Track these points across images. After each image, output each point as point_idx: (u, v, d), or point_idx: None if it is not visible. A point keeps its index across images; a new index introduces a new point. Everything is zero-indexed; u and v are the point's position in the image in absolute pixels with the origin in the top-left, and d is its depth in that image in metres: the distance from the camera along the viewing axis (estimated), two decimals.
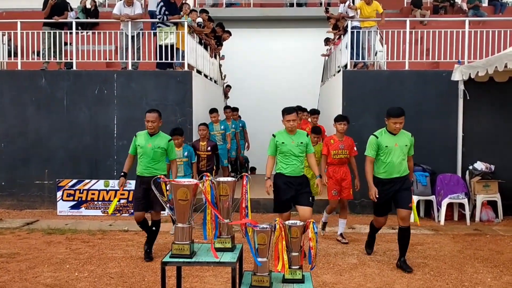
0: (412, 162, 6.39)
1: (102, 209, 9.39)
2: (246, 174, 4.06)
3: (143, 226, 6.63)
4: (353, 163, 7.62)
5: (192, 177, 8.05)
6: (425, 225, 8.65)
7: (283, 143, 6.33)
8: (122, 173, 6.56)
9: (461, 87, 9.25)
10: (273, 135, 6.49)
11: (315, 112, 10.67)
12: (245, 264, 4.74)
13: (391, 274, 5.92)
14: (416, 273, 5.94)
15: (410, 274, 5.91)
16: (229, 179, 4.13)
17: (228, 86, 12.19)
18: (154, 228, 6.61)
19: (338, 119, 7.62)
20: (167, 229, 7.83)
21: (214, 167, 8.96)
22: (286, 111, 6.32)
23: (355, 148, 7.69)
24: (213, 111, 10.47)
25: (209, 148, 8.73)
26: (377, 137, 6.17)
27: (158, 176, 4.17)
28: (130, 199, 9.31)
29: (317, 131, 8.70)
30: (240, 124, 12.25)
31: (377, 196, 6.06)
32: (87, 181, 9.55)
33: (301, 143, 6.28)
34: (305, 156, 6.44)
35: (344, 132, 7.56)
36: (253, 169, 15.05)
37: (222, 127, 10.68)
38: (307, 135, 6.47)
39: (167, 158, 6.65)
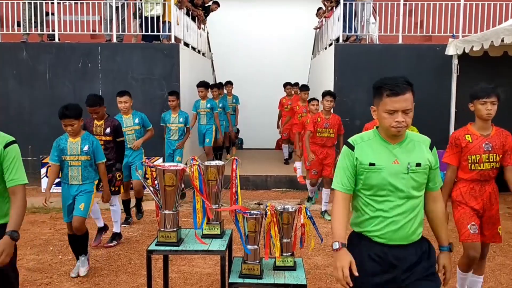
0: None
1: None
2: (236, 158, 3.86)
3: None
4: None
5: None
6: None
7: (373, 165, 2.74)
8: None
9: (455, 61, 9.05)
10: (349, 144, 2.83)
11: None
12: (235, 245, 4.60)
13: None
14: None
15: None
16: (218, 162, 3.93)
17: (229, 83, 11.56)
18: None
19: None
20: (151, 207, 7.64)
21: (117, 165, 6.19)
22: (392, 91, 2.72)
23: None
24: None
25: (107, 130, 6.03)
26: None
27: (142, 160, 3.97)
28: None
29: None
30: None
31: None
32: None
33: (418, 165, 2.77)
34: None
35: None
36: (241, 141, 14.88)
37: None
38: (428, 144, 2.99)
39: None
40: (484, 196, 4.20)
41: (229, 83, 12.10)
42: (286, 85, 11.77)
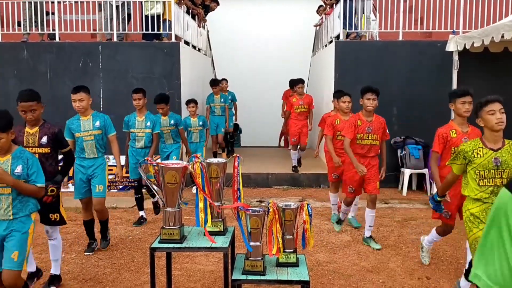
0: None
1: None
2: (238, 155, 3.87)
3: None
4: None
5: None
6: (418, 199, 8.58)
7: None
8: None
9: (455, 58, 9.05)
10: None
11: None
12: (237, 243, 4.61)
13: (385, 252, 5.83)
14: (410, 251, 5.86)
15: (404, 252, 5.82)
16: (220, 160, 3.95)
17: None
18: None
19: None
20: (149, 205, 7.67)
21: (57, 177, 4.59)
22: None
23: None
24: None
25: (44, 140, 4.63)
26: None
27: (145, 158, 3.97)
28: None
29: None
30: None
31: None
32: None
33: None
34: None
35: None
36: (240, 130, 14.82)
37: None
38: None
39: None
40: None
41: (224, 80, 11.85)
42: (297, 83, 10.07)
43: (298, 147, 10.06)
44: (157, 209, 7.34)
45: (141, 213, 7.19)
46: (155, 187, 3.81)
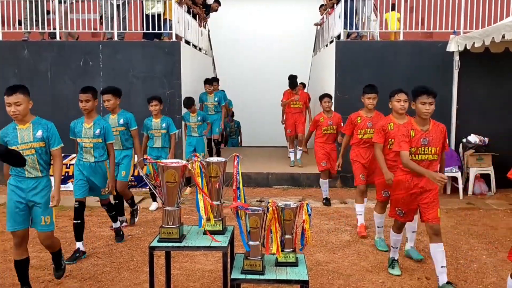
0: None
1: None
2: (237, 154, 3.86)
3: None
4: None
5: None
6: None
7: None
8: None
9: (456, 58, 9.03)
10: None
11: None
12: (236, 242, 4.60)
13: (385, 252, 5.81)
14: None
15: (404, 252, 5.79)
16: (220, 159, 3.94)
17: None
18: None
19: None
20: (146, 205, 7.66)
21: None
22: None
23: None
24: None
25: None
26: None
27: (145, 157, 3.96)
28: None
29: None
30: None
31: None
32: (73, 155, 9.29)
33: None
34: None
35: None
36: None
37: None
38: None
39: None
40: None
41: (215, 79, 11.46)
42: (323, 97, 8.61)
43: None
44: (133, 219, 6.92)
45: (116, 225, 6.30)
46: (151, 184, 3.80)
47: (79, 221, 5.55)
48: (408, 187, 4.71)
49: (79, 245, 5.62)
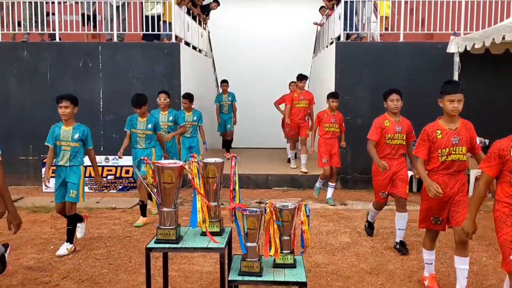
0: None
1: (89, 186, 9.16)
2: (235, 155, 3.84)
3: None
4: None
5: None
6: (418, 201, 8.51)
7: None
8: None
9: (457, 59, 9.01)
10: None
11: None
12: (234, 244, 4.56)
13: (384, 254, 5.79)
14: (410, 252, 5.82)
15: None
16: (217, 159, 3.91)
17: (225, 81, 12.11)
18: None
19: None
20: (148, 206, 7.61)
21: None
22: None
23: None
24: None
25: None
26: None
27: (141, 158, 3.93)
28: (118, 175, 9.25)
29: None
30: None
31: None
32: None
33: None
34: None
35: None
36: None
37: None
38: None
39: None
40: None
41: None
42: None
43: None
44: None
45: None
46: (147, 183, 3.78)
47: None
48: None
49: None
